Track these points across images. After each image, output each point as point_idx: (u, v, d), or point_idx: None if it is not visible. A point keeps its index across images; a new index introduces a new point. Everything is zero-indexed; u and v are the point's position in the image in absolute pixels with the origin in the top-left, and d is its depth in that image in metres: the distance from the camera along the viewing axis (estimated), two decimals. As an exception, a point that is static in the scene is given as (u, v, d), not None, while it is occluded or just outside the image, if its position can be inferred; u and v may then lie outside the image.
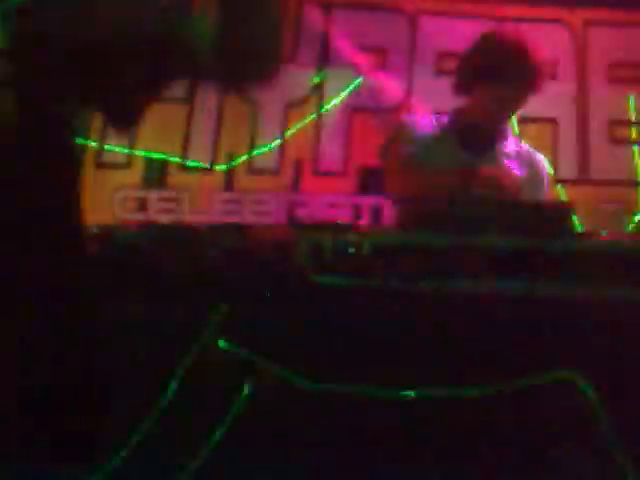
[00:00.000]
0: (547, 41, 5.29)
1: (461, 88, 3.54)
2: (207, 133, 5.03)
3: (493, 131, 3.53)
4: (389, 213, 4.68)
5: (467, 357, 2.48)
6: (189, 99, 5.00)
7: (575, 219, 3.16)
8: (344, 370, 2.43)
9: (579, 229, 3.35)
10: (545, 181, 3.65)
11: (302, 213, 4.86)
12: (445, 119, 3.60)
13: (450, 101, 4.65)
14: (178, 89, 4.96)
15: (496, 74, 3.39)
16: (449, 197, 2.84)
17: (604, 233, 3.33)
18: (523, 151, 3.62)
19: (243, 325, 2.43)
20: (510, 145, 3.59)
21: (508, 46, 3.42)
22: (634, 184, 5.22)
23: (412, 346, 2.45)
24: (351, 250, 2.50)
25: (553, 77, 5.18)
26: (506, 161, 3.53)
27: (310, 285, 2.45)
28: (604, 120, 5.27)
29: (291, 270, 2.48)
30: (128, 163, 4.96)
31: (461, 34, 5.26)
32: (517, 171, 3.52)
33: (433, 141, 3.53)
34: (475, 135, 3.50)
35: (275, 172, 5.03)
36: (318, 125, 5.08)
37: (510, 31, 3.59)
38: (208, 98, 4.99)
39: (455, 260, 2.53)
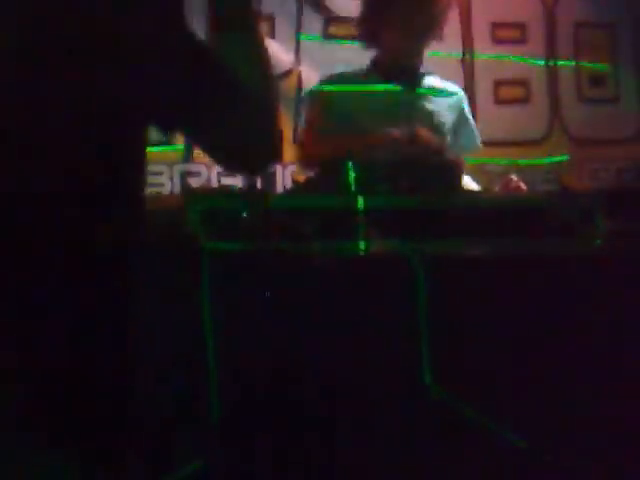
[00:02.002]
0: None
1: (368, 38, 3.56)
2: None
3: (412, 66, 3.55)
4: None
5: (360, 317, 2.52)
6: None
7: (465, 177, 3.23)
8: (241, 337, 2.45)
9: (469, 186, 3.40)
10: (468, 112, 3.70)
11: (196, 183, 4.84)
12: (365, 66, 3.60)
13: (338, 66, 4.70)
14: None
15: (392, 6, 3.43)
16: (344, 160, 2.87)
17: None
18: (444, 86, 3.66)
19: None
20: (433, 81, 3.62)
21: None
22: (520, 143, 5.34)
23: (306, 308, 2.48)
24: (244, 215, 2.51)
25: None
26: (435, 96, 3.57)
27: (203, 252, 2.45)
28: (490, 81, 5.36)
29: (183, 238, 2.48)
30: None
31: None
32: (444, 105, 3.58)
33: (359, 84, 3.53)
34: (398, 71, 3.52)
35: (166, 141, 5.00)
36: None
37: None
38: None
39: (347, 222, 2.56)
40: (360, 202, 2.58)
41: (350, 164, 2.68)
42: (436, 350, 2.51)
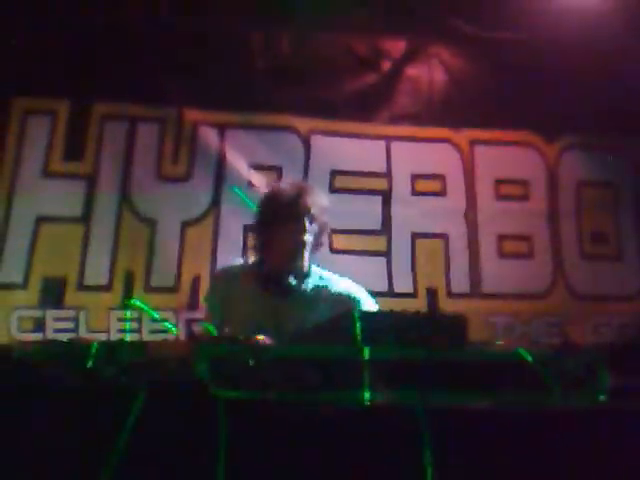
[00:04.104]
0: (436, 159, 5.51)
1: (255, 249, 3.82)
2: (104, 252, 5.03)
3: (288, 272, 3.72)
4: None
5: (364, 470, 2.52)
6: (86, 218, 5.01)
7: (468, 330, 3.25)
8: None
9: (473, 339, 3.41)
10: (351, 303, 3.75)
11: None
12: (252, 267, 3.81)
13: (345, 216, 4.80)
14: (74, 207, 5.01)
15: (265, 224, 3.74)
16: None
17: (499, 342, 3.43)
18: (327, 284, 3.78)
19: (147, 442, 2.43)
20: (312, 281, 3.76)
21: (272, 200, 3.75)
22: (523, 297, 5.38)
23: (314, 457, 2.48)
24: (251, 363, 2.53)
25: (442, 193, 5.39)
26: (307, 299, 3.71)
27: (211, 399, 2.46)
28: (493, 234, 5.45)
29: (193, 384, 2.49)
30: (25, 283, 4.92)
31: (353, 153, 5.43)
32: (320, 305, 3.70)
33: (241, 287, 3.74)
34: (273, 279, 3.72)
35: (173, 289, 5.05)
36: (215, 241, 5.15)
37: (282, 186, 3.83)
38: (105, 217, 5.01)
39: (354, 372, 2.57)
40: (366, 353, 2.60)
41: (357, 315, 2.72)
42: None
